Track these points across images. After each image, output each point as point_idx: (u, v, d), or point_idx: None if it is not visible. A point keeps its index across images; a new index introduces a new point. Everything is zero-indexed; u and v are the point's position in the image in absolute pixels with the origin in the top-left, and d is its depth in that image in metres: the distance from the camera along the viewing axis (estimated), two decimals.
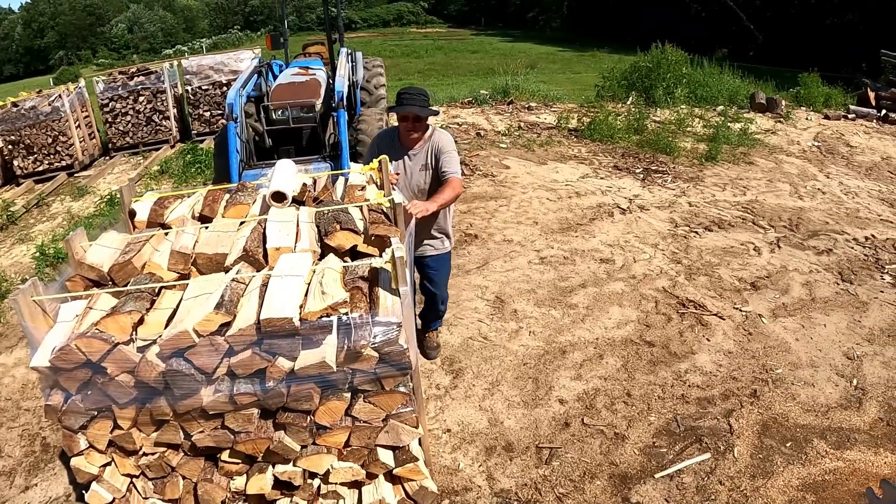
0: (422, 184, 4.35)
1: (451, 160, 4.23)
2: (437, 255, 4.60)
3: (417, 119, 4.16)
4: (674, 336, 5.25)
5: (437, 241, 4.55)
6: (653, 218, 7.55)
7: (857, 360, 4.96)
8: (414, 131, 4.22)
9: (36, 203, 10.02)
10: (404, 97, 4.16)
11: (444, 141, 4.30)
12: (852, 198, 8.38)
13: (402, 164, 4.34)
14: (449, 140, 4.34)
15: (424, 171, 4.33)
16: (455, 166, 4.22)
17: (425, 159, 4.31)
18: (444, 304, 4.91)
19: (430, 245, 4.56)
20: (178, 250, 2.73)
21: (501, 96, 13.31)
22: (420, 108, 4.12)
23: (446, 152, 4.24)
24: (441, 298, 4.83)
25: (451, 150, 4.27)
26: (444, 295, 4.85)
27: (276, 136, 7.36)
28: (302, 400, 2.49)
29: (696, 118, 11.68)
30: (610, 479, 3.92)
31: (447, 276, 4.83)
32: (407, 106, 4.12)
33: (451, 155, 4.24)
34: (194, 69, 12.47)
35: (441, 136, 4.34)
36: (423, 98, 4.18)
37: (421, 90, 4.24)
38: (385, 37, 49.45)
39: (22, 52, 59.50)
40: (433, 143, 4.30)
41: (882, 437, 4.19)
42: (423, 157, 4.31)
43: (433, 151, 4.28)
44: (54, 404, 2.49)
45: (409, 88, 4.25)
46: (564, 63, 29.30)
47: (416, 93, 4.19)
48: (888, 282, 6.11)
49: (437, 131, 4.38)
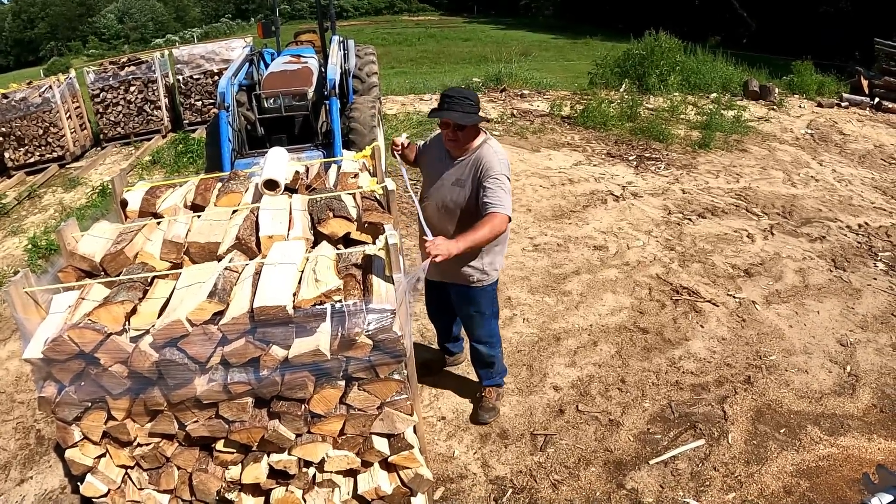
0: (448, 200, 3.64)
1: (497, 189, 3.42)
2: (464, 286, 3.86)
3: (459, 127, 3.48)
4: (668, 323, 5.26)
5: (465, 273, 3.79)
6: (646, 205, 7.55)
7: (850, 346, 4.98)
8: (455, 140, 3.53)
9: (27, 195, 9.95)
10: (445, 100, 3.49)
11: (491, 160, 3.51)
12: (845, 185, 8.40)
13: (438, 169, 3.73)
14: (499, 160, 3.52)
15: (456, 188, 3.61)
16: (501, 197, 3.40)
17: (462, 173, 3.59)
18: (485, 348, 4.11)
19: (453, 276, 3.83)
20: (170, 239, 2.72)
21: (494, 84, 13.28)
22: (461, 114, 3.44)
23: (493, 177, 3.45)
24: (478, 339, 4.07)
25: (499, 174, 3.46)
26: (482, 335, 4.06)
27: (269, 125, 7.33)
28: (296, 388, 2.48)
29: (689, 105, 11.68)
30: (605, 465, 3.93)
31: (480, 315, 3.99)
32: (445, 111, 3.46)
33: (498, 181, 3.44)
34: (185, 59, 12.39)
35: (490, 152, 3.56)
36: (468, 102, 3.47)
37: (466, 92, 3.54)
38: (377, 25, 49.28)
39: (12, 43, 59.02)
40: (478, 159, 3.55)
41: (875, 424, 4.22)
42: (461, 170, 3.60)
43: (476, 169, 3.54)
44: (48, 396, 2.47)
45: (453, 90, 3.56)
46: (557, 50, 29.24)
47: (458, 96, 3.48)
48: (881, 269, 6.13)
49: (488, 145, 3.61)
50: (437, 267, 3.62)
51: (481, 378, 4.32)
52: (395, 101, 12.49)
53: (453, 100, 3.47)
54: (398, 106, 11.99)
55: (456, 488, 3.81)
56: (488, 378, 4.29)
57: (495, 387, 4.34)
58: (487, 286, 3.87)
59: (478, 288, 3.83)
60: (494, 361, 4.19)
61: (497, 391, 4.35)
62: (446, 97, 3.50)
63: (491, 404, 4.28)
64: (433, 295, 4.28)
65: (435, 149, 3.81)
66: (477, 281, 3.80)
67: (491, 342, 4.10)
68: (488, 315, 4.01)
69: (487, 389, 4.31)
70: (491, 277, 3.85)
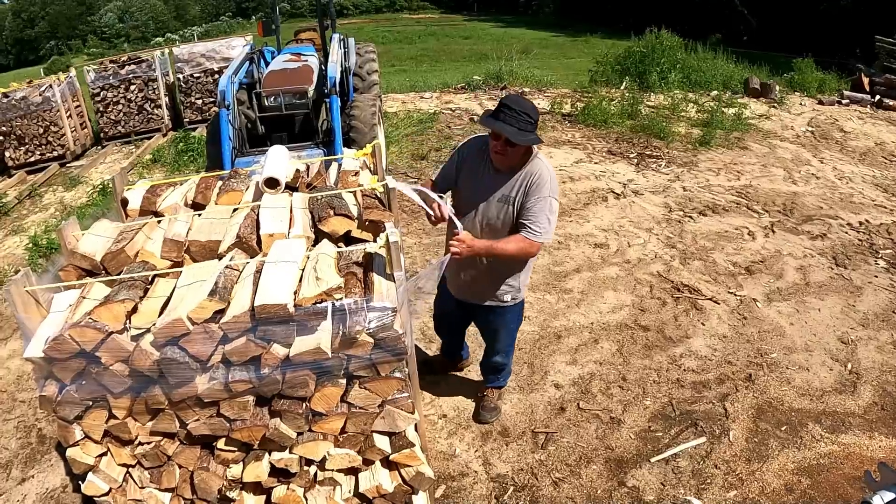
0: (493, 218, 3.41)
1: (541, 210, 3.26)
2: (495, 307, 3.74)
3: (510, 143, 3.20)
4: (669, 320, 5.26)
5: (501, 293, 3.67)
6: (647, 202, 7.55)
7: (851, 344, 4.98)
8: (503, 154, 3.26)
9: (28, 194, 9.95)
10: (502, 109, 3.19)
11: (543, 178, 3.29)
12: (846, 183, 8.39)
13: (479, 181, 3.43)
14: (551, 179, 3.31)
15: (503, 205, 3.37)
16: (542, 224, 3.26)
17: (510, 190, 3.34)
18: (502, 357, 4.07)
19: (486, 295, 3.71)
20: (171, 238, 2.71)
21: (495, 82, 13.27)
22: (516, 130, 3.15)
23: (540, 196, 3.26)
24: (497, 351, 4.03)
25: (546, 195, 3.27)
26: (502, 347, 4.01)
27: (269, 123, 7.32)
28: (297, 386, 2.48)
29: (690, 103, 11.66)
30: (606, 463, 3.93)
31: (508, 335, 3.95)
32: (500, 123, 3.16)
33: (543, 202, 3.26)
34: (186, 57, 12.38)
35: (541, 169, 3.31)
36: (528, 120, 3.18)
37: (527, 106, 3.21)
38: (377, 23, 49.17)
39: (12, 42, 58.97)
40: (528, 174, 3.31)
41: (876, 422, 4.22)
42: (509, 186, 3.34)
43: (524, 185, 3.31)
44: (49, 395, 2.47)
45: (513, 99, 3.23)
46: (557, 48, 29.19)
47: (518, 109, 3.17)
48: (882, 266, 6.13)
49: (539, 160, 3.35)
50: (471, 289, 3.72)
51: (486, 380, 4.32)
52: (395, 99, 12.48)
53: (511, 112, 3.16)
54: (399, 104, 11.99)
55: (457, 486, 3.81)
56: (493, 381, 4.28)
57: (497, 387, 4.34)
58: (519, 303, 3.81)
59: (510, 305, 3.74)
60: (505, 368, 4.20)
61: (499, 391, 4.35)
62: (504, 107, 3.19)
63: (493, 404, 4.27)
64: (449, 311, 4.07)
65: (478, 158, 3.47)
66: (512, 300, 3.71)
67: (508, 352, 4.10)
68: (514, 329, 3.98)
69: (490, 389, 4.30)
70: (523, 294, 3.78)
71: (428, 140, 9.69)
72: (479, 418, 4.25)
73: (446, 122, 10.59)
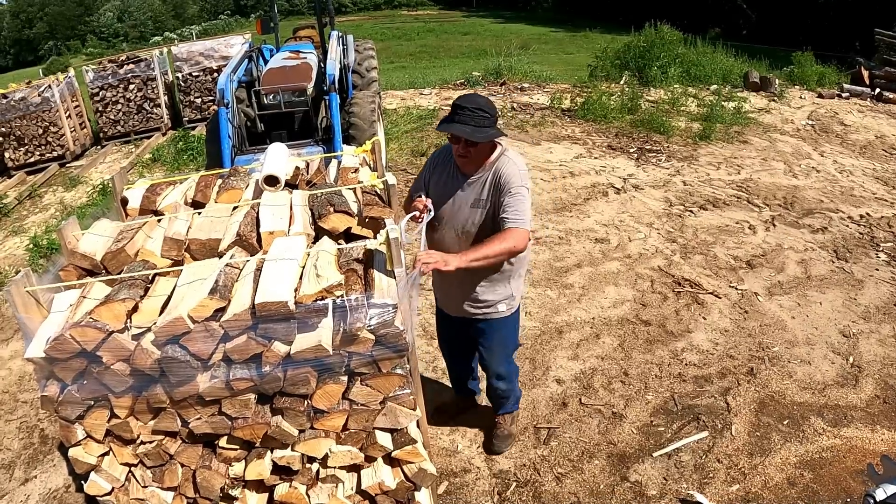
0: (469, 224, 3.26)
1: (518, 202, 3.09)
2: (483, 318, 3.50)
3: (471, 143, 3.08)
4: (670, 315, 5.25)
5: (492, 301, 3.44)
6: (647, 197, 7.54)
7: (853, 337, 4.98)
8: (466, 156, 3.15)
9: (28, 194, 9.96)
10: (456, 111, 3.07)
11: (511, 172, 3.15)
12: (847, 176, 8.38)
13: (450, 190, 3.31)
14: (519, 171, 3.18)
15: (476, 210, 3.23)
16: (520, 212, 3.09)
17: (480, 192, 3.21)
18: (504, 383, 3.79)
19: (473, 306, 3.46)
20: (171, 237, 2.71)
21: (494, 77, 13.26)
22: (473, 128, 3.02)
23: (513, 190, 3.11)
24: (494, 374, 3.73)
25: (519, 185, 3.12)
26: (498, 370, 3.71)
27: (268, 121, 7.33)
28: (299, 384, 2.47)
29: (689, 97, 11.64)
30: (608, 458, 3.93)
31: (503, 349, 3.68)
32: (455, 124, 3.04)
33: (518, 195, 3.11)
34: (184, 56, 12.39)
35: (509, 164, 3.19)
36: (483, 115, 3.04)
37: (481, 101, 3.10)
38: (376, 20, 49.13)
39: (10, 43, 58.91)
40: (495, 173, 3.18)
41: (879, 415, 4.22)
42: (479, 189, 3.22)
43: (494, 184, 3.18)
44: (50, 395, 2.47)
45: (465, 99, 3.11)
46: (557, 43, 29.13)
47: (471, 106, 3.04)
48: (883, 259, 6.12)
49: (506, 157, 3.23)
50: (461, 301, 3.46)
51: (495, 409, 4.04)
52: (394, 95, 12.48)
53: (465, 111, 3.03)
54: (398, 101, 11.98)
55: (459, 482, 3.81)
56: (502, 408, 4.00)
57: (509, 413, 4.05)
58: (514, 313, 3.58)
59: (506, 317, 3.51)
60: (511, 395, 3.93)
61: (511, 416, 4.06)
62: (457, 108, 3.06)
63: (506, 431, 4.02)
64: (451, 333, 3.83)
65: (444, 166, 3.36)
66: (507, 309, 3.48)
67: (510, 377, 3.82)
68: (511, 348, 3.74)
69: (501, 416, 4.02)
70: (516, 303, 3.54)
71: (427, 136, 9.69)
72: (492, 448, 4.00)
73: None
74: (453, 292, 3.51)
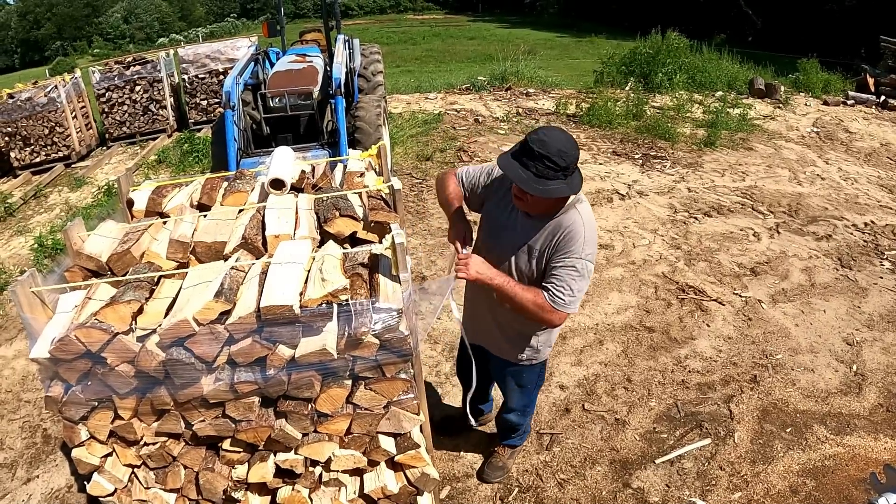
0: (514, 267, 2.89)
1: (571, 279, 2.69)
2: (507, 360, 3.27)
3: None
4: (674, 321, 5.25)
5: (513, 349, 3.19)
6: (652, 203, 7.53)
7: (856, 345, 4.97)
8: (522, 200, 2.71)
9: (34, 195, 9.98)
10: (524, 151, 2.56)
11: (575, 233, 2.70)
12: (851, 184, 8.36)
13: (506, 221, 2.91)
14: (585, 237, 2.70)
15: (524, 255, 2.84)
16: (571, 291, 2.69)
17: (535, 240, 2.79)
18: (517, 416, 3.59)
19: (501, 347, 3.24)
20: (176, 239, 2.71)
21: (499, 82, 13.27)
22: (532, 177, 2.53)
23: (569, 261, 2.69)
24: (512, 409, 3.53)
25: (579, 257, 2.69)
26: (515, 405, 3.51)
27: (274, 124, 7.34)
28: (303, 388, 2.48)
29: (694, 104, 11.65)
30: (611, 464, 3.93)
31: (524, 394, 3.45)
32: (514, 163, 2.58)
33: (574, 269, 2.69)
34: (191, 58, 12.40)
35: (576, 225, 2.71)
36: (549, 165, 2.51)
37: (552, 150, 2.50)
38: (382, 24, 49.12)
39: (17, 43, 59.13)
40: (557, 226, 2.73)
41: (882, 423, 4.21)
42: (534, 234, 2.79)
43: (551, 238, 2.75)
44: (54, 395, 2.47)
45: (537, 140, 2.53)
46: (562, 49, 29.12)
47: (539, 151, 2.51)
48: (887, 268, 6.11)
49: (576, 212, 2.74)
50: (484, 337, 3.27)
51: (500, 437, 3.88)
52: (400, 99, 12.49)
53: (532, 154, 2.52)
54: (403, 105, 11.99)
55: (462, 487, 3.81)
56: (506, 439, 3.84)
57: (511, 446, 3.91)
58: (537, 364, 3.30)
59: (526, 366, 3.27)
60: (520, 428, 3.74)
61: (513, 450, 3.91)
62: (526, 146, 2.55)
63: (502, 462, 3.87)
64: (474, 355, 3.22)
65: (505, 192, 2.91)
66: (527, 360, 3.22)
67: (524, 412, 3.61)
68: (531, 389, 3.47)
69: (502, 447, 3.89)
70: (542, 356, 3.25)
71: (433, 141, 9.69)
72: (483, 476, 3.86)
73: (451, 122, 10.59)
74: (480, 324, 3.27)
